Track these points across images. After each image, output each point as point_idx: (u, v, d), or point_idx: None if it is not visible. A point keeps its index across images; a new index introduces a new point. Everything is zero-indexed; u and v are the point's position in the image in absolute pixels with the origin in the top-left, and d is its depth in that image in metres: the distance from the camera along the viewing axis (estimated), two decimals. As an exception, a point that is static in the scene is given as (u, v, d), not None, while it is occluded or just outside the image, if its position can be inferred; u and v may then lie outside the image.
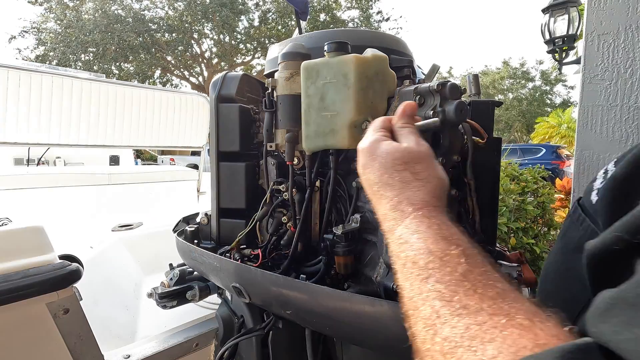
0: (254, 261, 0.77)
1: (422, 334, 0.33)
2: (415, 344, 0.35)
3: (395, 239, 0.41)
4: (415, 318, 0.35)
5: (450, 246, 0.36)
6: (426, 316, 0.33)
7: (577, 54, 3.93)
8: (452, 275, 0.33)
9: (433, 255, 0.36)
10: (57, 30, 15.03)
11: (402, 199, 0.43)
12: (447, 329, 0.30)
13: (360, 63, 0.62)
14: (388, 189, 0.45)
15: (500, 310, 0.29)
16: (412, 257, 0.37)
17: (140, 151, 12.28)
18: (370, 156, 0.49)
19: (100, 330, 0.94)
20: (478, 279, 0.32)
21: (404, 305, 0.38)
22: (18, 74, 2.08)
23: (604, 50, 1.18)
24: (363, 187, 0.51)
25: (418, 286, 0.36)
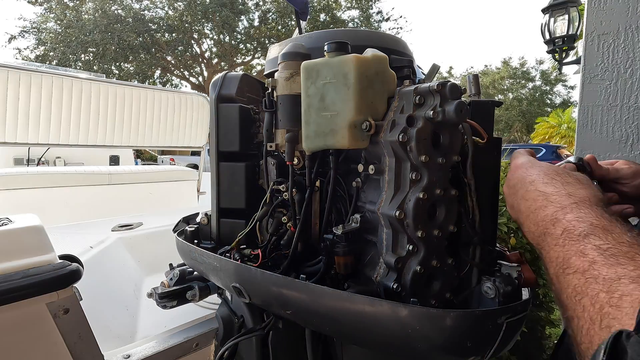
0: (254, 261, 0.77)
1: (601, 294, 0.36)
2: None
3: (570, 219, 0.44)
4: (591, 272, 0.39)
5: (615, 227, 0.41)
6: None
7: (577, 54, 3.93)
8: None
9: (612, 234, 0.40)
10: (57, 30, 15.03)
11: (565, 193, 0.48)
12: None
13: (360, 63, 0.62)
14: (549, 186, 0.50)
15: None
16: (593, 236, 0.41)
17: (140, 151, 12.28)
18: (530, 163, 0.56)
19: (100, 330, 0.94)
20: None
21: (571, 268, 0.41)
22: (18, 74, 2.08)
23: (604, 50, 1.18)
24: (514, 187, 0.58)
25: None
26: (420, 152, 0.58)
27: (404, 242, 0.61)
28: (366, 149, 0.66)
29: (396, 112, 0.62)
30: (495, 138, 0.70)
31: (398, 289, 0.59)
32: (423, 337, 0.53)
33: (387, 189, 0.63)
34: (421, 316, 0.52)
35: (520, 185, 0.56)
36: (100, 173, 2.73)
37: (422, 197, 0.59)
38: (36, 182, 2.44)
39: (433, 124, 0.59)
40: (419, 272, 0.60)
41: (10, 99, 2.05)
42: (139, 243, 1.80)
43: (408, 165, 0.60)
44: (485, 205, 0.68)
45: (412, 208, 0.58)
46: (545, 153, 10.64)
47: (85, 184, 2.63)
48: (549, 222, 0.47)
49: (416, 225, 0.59)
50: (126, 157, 4.68)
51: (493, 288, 0.62)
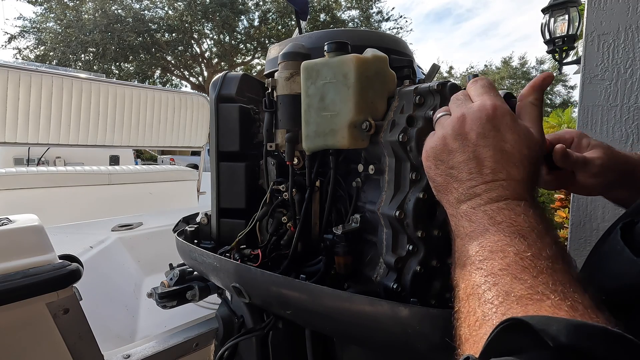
0: (254, 261, 0.77)
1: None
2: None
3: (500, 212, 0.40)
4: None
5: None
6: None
7: (577, 54, 3.94)
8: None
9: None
10: (57, 30, 15.03)
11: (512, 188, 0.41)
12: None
13: (360, 63, 0.62)
14: (502, 174, 0.42)
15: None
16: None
17: (140, 151, 12.28)
18: (494, 128, 0.42)
19: (100, 330, 0.94)
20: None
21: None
22: (18, 74, 2.08)
23: (604, 50, 1.18)
24: (448, 144, 0.46)
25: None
26: (420, 151, 0.58)
27: (404, 242, 0.61)
28: (366, 149, 0.66)
29: (396, 112, 0.62)
30: (495, 138, 0.70)
31: (398, 289, 0.59)
32: (423, 337, 0.53)
33: (387, 189, 0.63)
34: (421, 316, 0.52)
35: (466, 149, 0.44)
36: (100, 173, 2.73)
37: (422, 197, 0.59)
38: (36, 182, 2.44)
39: (433, 124, 0.59)
40: (419, 272, 0.60)
41: (10, 99, 2.05)
42: (139, 243, 1.80)
43: (408, 165, 0.60)
44: (485, 205, 0.68)
45: (412, 208, 0.58)
46: (545, 153, 10.65)
47: (85, 184, 2.63)
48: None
49: (416, 225, 0.59)
50: (126, 157, 4.68)
51: (493, 288, 0.62)
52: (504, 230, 0.38)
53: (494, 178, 0.41)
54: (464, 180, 0.43)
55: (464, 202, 0.43)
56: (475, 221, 0.41)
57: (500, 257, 0.36)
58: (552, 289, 0.32)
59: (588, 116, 1.23)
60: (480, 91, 0.46)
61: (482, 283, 0.36)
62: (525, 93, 0.47)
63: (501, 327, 0.29)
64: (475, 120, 0.43)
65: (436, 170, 0.47)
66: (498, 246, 0.37)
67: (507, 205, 0.39)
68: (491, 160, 0.42)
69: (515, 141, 0.42)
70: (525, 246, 0.36)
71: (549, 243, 0.36)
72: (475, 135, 0.43)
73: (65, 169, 2.70)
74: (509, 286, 0.33)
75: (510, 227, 0.38)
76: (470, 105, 0.45)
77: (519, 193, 0.40)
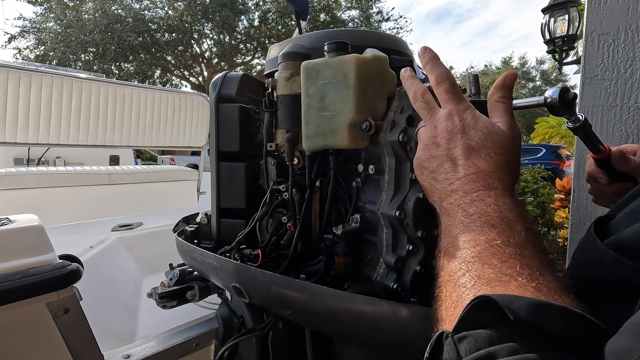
0: (254, 261, 0.77)
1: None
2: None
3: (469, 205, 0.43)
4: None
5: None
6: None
7: (577, 54, 3.94)
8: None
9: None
10: (57, 30, 15.02)
11: (488, 178, 0.44)
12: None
13: (360, 63, 0.62)
14: (473, 167, 0.45)
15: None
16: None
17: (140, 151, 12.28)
18: (460, 131, 0.47)
19: (100, 330, 0.94)
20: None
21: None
22: (18, 74, 2.08)
23: (604, 50, 1.18)
24: (423, 141, 0.51)
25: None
26: (420, 152, 0.58)
27: (404, 242, 0.61)
28: (366, 149, 0.66)
29: (396, 112, 0.62)
30: (495, 138, 0.70)
31: (398, 289, 0.59)
32: (423, 337, 0.53)
33: (387, 189, 0.63)
34: (421, 316, 0.52)
35: (437, 149, 0.49)
36: (100, 173, 2.73)
37: (422, 197, 0.59)
38: (36, 182, 2.44)
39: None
40: (419, 272, 0.60)
41: (10, 99, 2.05)
42: (139, 243, 1.80)
43: (408, 165, 0.60)
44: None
45: (412, 208, 0.58)
46: (545, 153, 10.64)
47: (85, 184, 2.63)
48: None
49: (416, 225, 0.59)
50: (126, 157, 4.68)
51: (493, 288, 0.62)
52: (476, 222, 0.41)
53: (466, 173, 0.45)
54: (442, 180, 0.48)
55: (444, 200, 0.47)
56: (452, 215, 0.45)
57: (472, 246, 0.40)
58: (519, 272, 0.35)
59: (588, 116, 1.23)
60: (445, 97, 0.51)
61: (457, 270, 0.39)
62: (491, 93, 0.52)
63: (471, 304, 0.32)
64: (443, 129, 0.49)
65: (422, 177, 0.52)
66: (471, 236, 0.41)
67: (478, 197, 0.43)
68: (462, 158, 0.46)
69: (479, 137, 0.47)
70: (494, 234, 0.39)
71: (519, 230, 0.39)
72: (446, 141, 0.48)
73: (65, 169, 2.70)
74: (480, 271, 0.37)
75: (481, 217, 0.41)
76: (437, 115, 0.51)
77: (489, 183, 0.44)
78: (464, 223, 0.42)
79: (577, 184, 1.27)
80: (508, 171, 0.46)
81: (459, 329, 0.32)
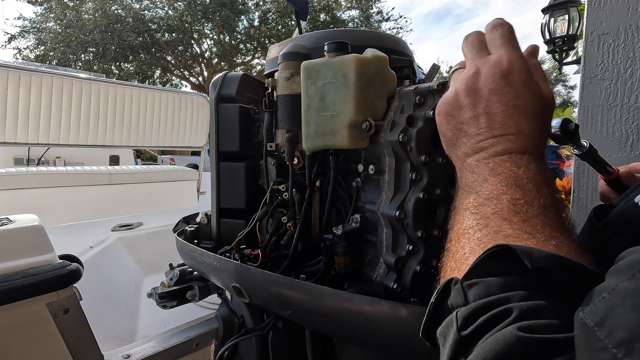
0: (254, 261, 0.77)
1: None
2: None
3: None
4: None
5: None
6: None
7: (577, 54, 3.93)
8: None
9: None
10: (57, 30, 15.02)
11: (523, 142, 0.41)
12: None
13: (360, 63, 0.62)
14: (513, 128, 0.41)
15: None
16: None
17: (140, 151, 12.28)
18: (508, 84, 0.42)
19: (100, 330, 0.94)
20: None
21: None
22: (18, 74, 2.08)
23: (604, 50, 1.18)
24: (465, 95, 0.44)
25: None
26: (420, 152, 0.58)
27: (404, 242, 0.61)
28: (366, 149, 0.66)
29: (396, 112, 0.62)
30: (495, 138, 0.70)
31: (398, 289, 0.59)
32: (423, 337, 0.53)
33: (387, 189, 0.63)
34: (421, 316, 0.52)
35: (481, 101, 0.43)
36: (100, 173, 2.73)
37: (422, 197, 0.59)
38: (36, 182, 2.44)
39: (433, 124, 0.59)
40: (419, 272, 0.60)
41: (10, 99, 2.05)
42: (139, 243, 1.80)
43: (408, 165, 0.60)
44: (485, 205, 0.68)
45: (412, 208, 0.58)
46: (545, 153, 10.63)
47: (85, 184, 2.63)
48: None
49: (416, 225, 0.59)
50: (126, 157, 4.68)
51: (493, 288, 0.62)
52: (502, 181, 0.39)
53: (503, 132, 0.41)
54: (473, 135, 0.43)
55: (470, 156, 0.43)
56: (477, 173, 0.42)
57: (494, 204, 0.38)
58: (539, 231, 0.34)
59: (588, 116, 1.23)
60: (499, 42, 0.45)
61: (474, 225, 0.38)
62: (527, 54, 0.46)
63: (486, 254, 0.31)
64: (489, 77, 0.43)
65: (447, 125, 0.47)
66: (494, 194, 0.38)
67: (509, 158, 0.40)
68: (502, 116, 0.42)
69: (530, 97, 0.42)
70: (519, 194, 0.37)
71: (545, 194, 0.38)
72: (488, 91, 0.42)
73: (65, 169, 2.70)
74: (499, 227, 0.36)
75: (509, 177, 0.39)
76: (486, 59, 0.44)
77: (525, 147, 0.41)
78: (489, 181, 0.40)
79: (577, 184, 1.27)
80: (545, 137, 0.43)
81: (470, 277, 0.31)
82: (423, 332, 0.35)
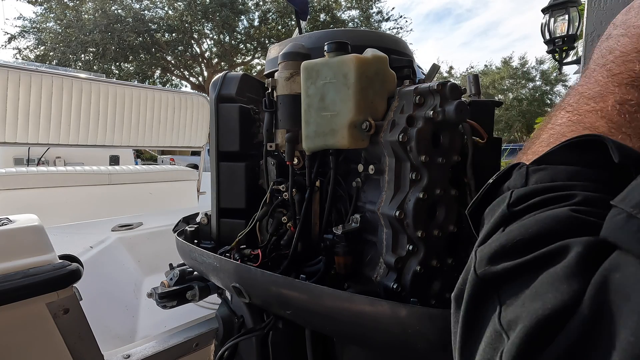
0: (254, 261, 0.77)
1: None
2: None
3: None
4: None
5: None
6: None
7: (577, 54, 3.93)
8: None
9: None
10: (57, 30, 15.02)
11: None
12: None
13: (360, 63, 0.62)
14: None
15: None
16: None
17: (140, 151, 12.28)
18: None
19: (100, 330, 0.94)
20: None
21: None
22: (18, 74, 2.08)
23: (604, 50, 1.18)
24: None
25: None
26: (420, 152, 0.58)
27: (404, 242, 0.61)
28: (366, 149, 0.66)
29: (396, 112, 0.62)
30: (495, 138, 0.70)
31: (398, 289, 0.59)
32: (423, 337, 0.53)
33: (387, 189, 0.63)
34: (421, 316, 0.52)
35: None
36: (100, 173, 2.73)
37: (422, 197, 0.59)
38: (36, 182, 2.44)
39: (433, 124, 0.59)
40: (419, 272, 0.60)
41: (10, 99, 2.05)
42: (139, 243, 1.80)
43: (408, 165, 0.60)
44: (485, 205, 0.68)
45: (412, 208, 0.58)
46: (545, 153, 10.64)
47: (85, 184, 2.63)
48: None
49: (416, 225, 0.59)
50: (126, 157, 4.68)
51: (493, 288, 0.62)
52: (615, 81, 0.36)
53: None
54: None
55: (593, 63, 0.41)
56: (589, 76, 0.40)
57: (595, 101, 0.35)
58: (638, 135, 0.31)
59: (588, 116, 1.22)
60: None
61: (564, 122, 0.36)
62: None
63: (567, 143, 0.29)
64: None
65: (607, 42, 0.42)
66: (598, 94, 0.36)
67: (636, 57, 0.36)
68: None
69: None
70: (632, 96, 0.34)
71: None
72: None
73: (65, 169, 2.70)
74: (592, 124, 0.33)
75: (626, 77, 0.36)
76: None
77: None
78: (600, 82, 0.37)
79: (577, 184, 1.27)
80: None
81: (538, 164, 0.30)
82: (469, 210, 0.34)
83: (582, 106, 0.36)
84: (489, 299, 0.25)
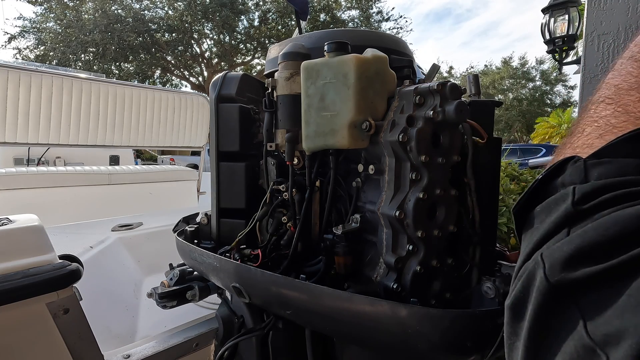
0: (254, 261, 0.77)
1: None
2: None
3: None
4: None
5: None
6: None
7: (577, 54, 3.94)
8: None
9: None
10: (57, 30, 15.02)
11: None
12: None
13: (360, 63, 0.62)
14: None
15: None
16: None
17: (140, 151, 12.27)
18: None
19: (100, 330, 0.94)
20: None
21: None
22: (18, 74, 2.08)
23: (604, 50, 1.18)
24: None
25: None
26: (420, 152, 0.58)
27: (404, 242, 0.61)
28: (366, 149, 0.66)
29: (396, 112, 0.62)
30: (495, 138, 0.70)
31: (398, 289, 0.59)
32: (423, 337, 0.53)
33: (387, 189, 0.63)
34: (421, 316, 0.52)
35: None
36: (100, 173, 2.73)
37: (422, 197, 0.59)
38: (36, 182, 2.44)
39: (433, 124, 0.59)
40: (419, 272, 0.60)
41: (10, 99, 2.05)
42: (139, 243, 1.80)
43: (408, 165, 0.60)
44: (485, 205, 0.68)
45: (412, 208, 0.58)
46: (545, 153, 10.64)
47: (85, 184, 2.63)
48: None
49: (416, 225, 0.59)
50: (126, 157, 4.68)
51: (493, 288, 0.62)
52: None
53: None
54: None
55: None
56: (617, 69, 0.39)
57: (638, 92, 0.34)
58: None
59: (588, 116, 1.22)
60: None
61: (609, 114, 0.34)
62: None
63: (629, 135, 0.28)
64: None
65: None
66: (638, 84, 0.34)
67: None
68: None
69: None
70: None
71: None
72: None
73: (65, 169, 2.70)
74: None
75: None
76: None
77: None
78: (633, 74, 0.35)
79: (577, 184, 1.27)
80: None
81: (596, 157, 0.28)
82: (516, 208, 0.32)
83: (624, 97, 0.35)
84: (566, 309, 0.23)
